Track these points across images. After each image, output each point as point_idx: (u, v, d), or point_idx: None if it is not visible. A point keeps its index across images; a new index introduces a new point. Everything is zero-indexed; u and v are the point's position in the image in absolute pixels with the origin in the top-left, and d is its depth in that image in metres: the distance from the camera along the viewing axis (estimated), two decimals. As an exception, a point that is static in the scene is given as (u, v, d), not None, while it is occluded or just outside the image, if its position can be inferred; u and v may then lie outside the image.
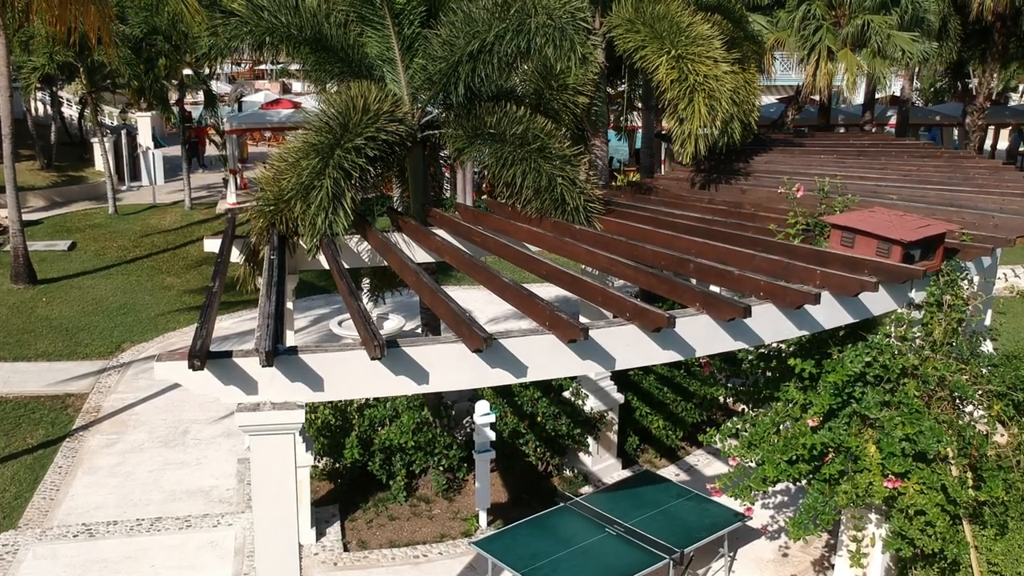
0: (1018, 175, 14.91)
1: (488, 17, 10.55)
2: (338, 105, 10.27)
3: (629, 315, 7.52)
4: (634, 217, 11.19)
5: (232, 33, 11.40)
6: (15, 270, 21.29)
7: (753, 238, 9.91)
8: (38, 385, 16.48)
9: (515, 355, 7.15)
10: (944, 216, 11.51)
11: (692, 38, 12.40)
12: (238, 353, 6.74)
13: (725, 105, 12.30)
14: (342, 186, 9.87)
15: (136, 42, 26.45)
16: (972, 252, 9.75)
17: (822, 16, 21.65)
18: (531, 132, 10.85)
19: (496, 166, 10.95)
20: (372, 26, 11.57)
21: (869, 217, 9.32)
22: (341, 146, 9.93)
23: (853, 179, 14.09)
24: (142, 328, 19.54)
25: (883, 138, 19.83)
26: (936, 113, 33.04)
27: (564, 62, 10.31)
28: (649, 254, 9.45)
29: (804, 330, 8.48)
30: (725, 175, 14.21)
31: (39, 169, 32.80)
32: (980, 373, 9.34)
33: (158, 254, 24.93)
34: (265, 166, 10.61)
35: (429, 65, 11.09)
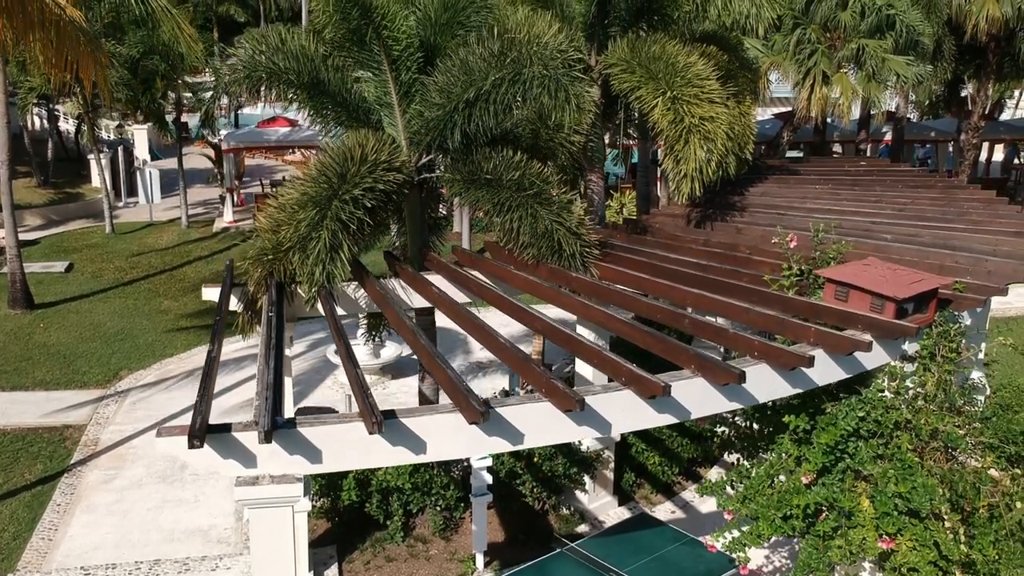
0: (1012, 209, 15.00)
1: (484, 66, 10.63)
2: (336, 155, 10.35)
3: (625, 380, 7.59)
4: (630, 263, 11.27)
5: (232, 77, 11.46)
6: (12, 295, 21.30)
7: (748, 288, 10.00)
8: (36, 416, 16.49)
9: (512, 423, 7.22)
10: (937, 259, 11.63)
11: (688, 79, 12.47)
12: (237, 427, 6.81)
13: (720, 146, 12.38)
14: (339, 238, 9.95)
15: (133, 62, 26.49)
16: (965, 303, 9.84)
17: (817, 40, 21.76)
18: (527, 178, 10.95)
19: (493, 211, 11.03)
20: (370, 71, 11.64)
21: (863, 271, 9.40)
22: (339, 197, 10.01)
23: (848, 214, 14.21)
24: (140, 354, 19.56)
25: (878, 164, 19.91)
26: (931, 129, 33.15)
27: (559, 112, 10.38)
28: (645, 307, 9.53)
29: (798, 388, 8.56)
30: (720, 210, 14.29)
31: (36, 186, 32.82)
32: (974, 425, 9.42)
33: (155, 275, 24.94)
34: (263, 215, 10.65)
35: (426, 111, 11.16)
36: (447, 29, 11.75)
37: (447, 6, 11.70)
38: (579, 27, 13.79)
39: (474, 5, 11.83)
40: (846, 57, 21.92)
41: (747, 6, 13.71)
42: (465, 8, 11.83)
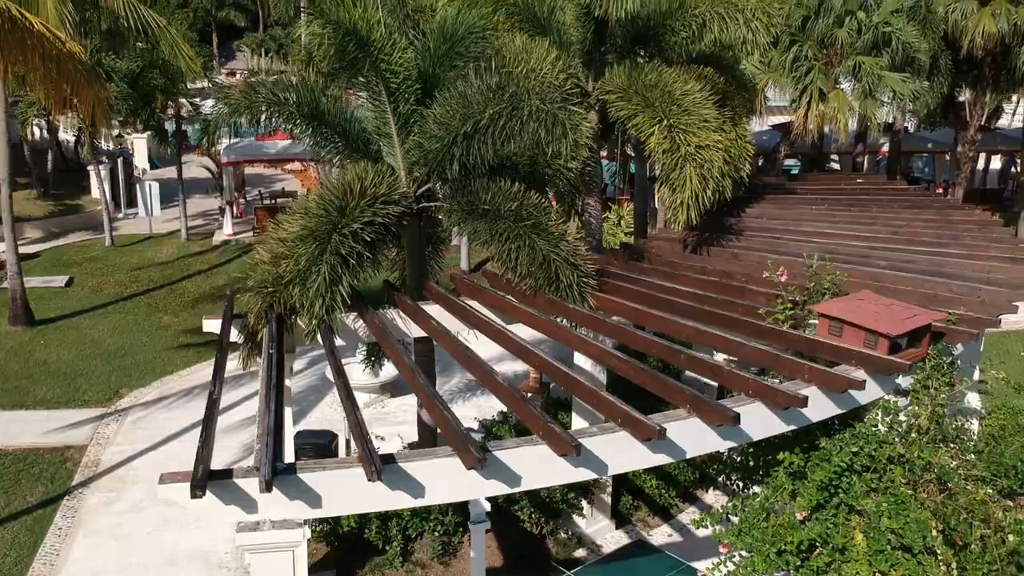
0: (1006, 233, 15.11)
1: (483, 100, 10.72)
2: (335, 188, 10.44)
3: (621, 421, 7.68)
4: (627, 293, 11.36)
5: (233, 107, 11.57)
6: (13, 312, 21.40)
7: (743, 320, 10.10)
8: (37, 436, 16.60)
9: (509, 466, 7.32)
10: (931, 287, 11.73)
11: (684, 107, 12.57)
12: (238, 473, 6.91)
13: (716, 174, 12.48)
14: (339, 272, 10.03)
15: (133, 76, 26.58)
16: (958, 337, 9.93)
17: (814, 57, 21.85)
18: (525, 208, 11.03)
19: (491, 242, 11.12)
20: (369, 102, 11.73)
21: (858, 306, 9.50)
22: (338, 231, 10.09)
23: (843, 238, 14.31)
24: (140, 372, 19.66)
25: (874, 182, 20.02)
26: (928, 140, 33.27)
27: (555, 145, 10.49)
28: (641, 341, 9.62)
29: (793, 425, 8.66)
30: (717, 234, 14.37)
31: (35, 198, 32.91)
32: (967, 457, 9.52)
33: (155, 290, 25.04)
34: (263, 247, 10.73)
35: (425, 142, 11.25)
36: (445, 60, 11.83)
37: (446, 38, 11.78)
38: (576, 53, 13.91)
39: (472, 36, 11.90)
40: (843, 73, 22.07)
41: (743, 32, 13.77)
42: (463, 39, 11.90)
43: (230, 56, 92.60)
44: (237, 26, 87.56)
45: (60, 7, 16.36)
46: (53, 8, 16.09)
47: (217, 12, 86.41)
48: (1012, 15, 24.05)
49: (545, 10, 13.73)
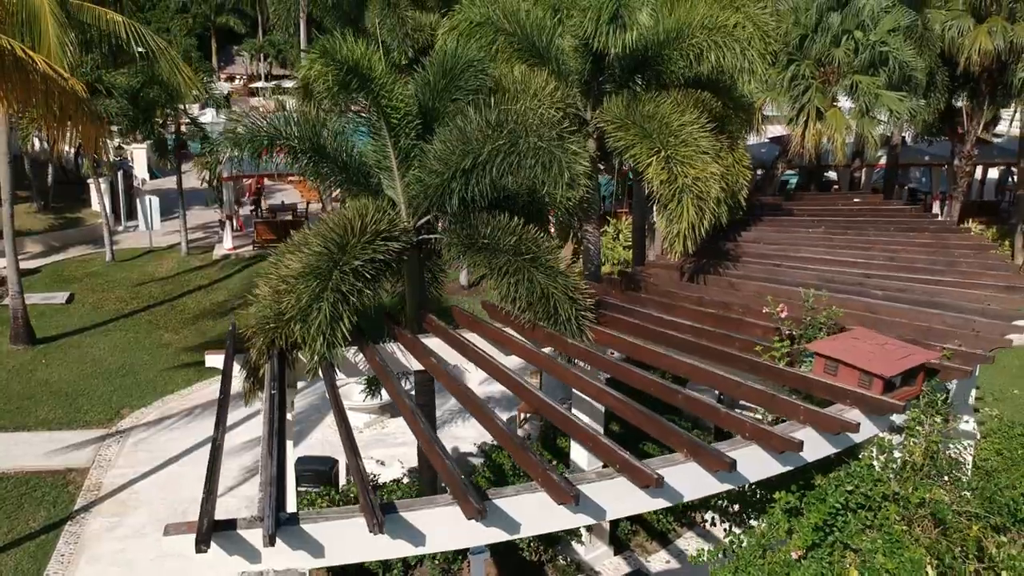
0: (1001, 259, 15.20)
1: (481, 136, 10.83)
2: (336, 225, 10.54)
3: (619, 467, 7.79)
4: (625, 326, 11.48)
5: (234, 141, 11.67)
6: (14, 331, 21.50)
7: (740, 357, 10.21)
8: (39, 458, 16.70)
9: (509, 514, 7.42)
10: (926, 319, 11.85)
11: (682, 138, 12.67)
12: (242, 524, 7.01)
13: (713, 205, 12.59)
14: (340, 309, 10.14)
15: (133, 92, 26.69)
16: (952, 373, 10.06)
17: (811, 75, 21.99)
18: (524, 243, 11.13)
19: (491, 275, 11.22)
20: (370, 136, 11.84)
21: (853, 346, 9.61)
22: (339, 268, 10.19)
23: (840, 265, 14.43)
24: (141, 391, 19.76)
25: (870, 202, 20.12)
26: (925, 153, 33.42)
27: (551, 184, 10.59)
28: (639, 379, 9.72)
29: (788, 466, 8.77)
30: (714, 261, 14.48)
31: (36, 211, 33.02)
32: (962, 493, 9.63)
33: (155, 306, 25.15)
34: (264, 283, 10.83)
35: (425, 177, 11.35)
36: (445, 93, 11.94)
37: (445, 71, 11.89)
38: (575, 83, 14.00)
39: (471, 69, 12.02)
40: (840, 90, 22.21)
41: (739, 60, 13.87)
42: (463, 73, 12.03)
43: (229, 60, 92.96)
44: (236, 32, 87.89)
45: (61, 33, 16.46)
46: (54, 34, 16.20)
47: (216, 18, 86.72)
48: (1008, 32, 24.23)
49: (544, 40, 13.82)
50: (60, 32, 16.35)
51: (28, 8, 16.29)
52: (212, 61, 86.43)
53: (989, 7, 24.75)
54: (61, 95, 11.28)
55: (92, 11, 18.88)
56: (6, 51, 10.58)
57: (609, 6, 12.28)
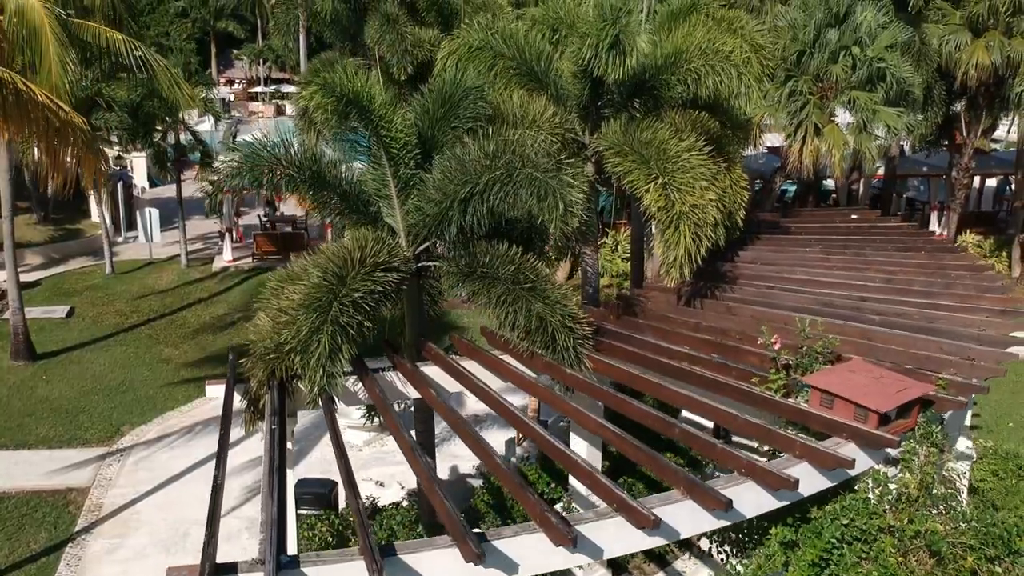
0: (997, 279, 15.26)
1: (479, 167, 10.91)
2: (336, 257, 10.62)
3: (616, 507, 7.87)
4: (623, 354, 11.57)
5: (235, 171, 11.75)
6: (15, 347, 21.58)
7: (737, 388, 10.29)
8: (39, 477, 16.77)
9: (507, 555, 7.50)
10: (923, 346, 11.93)
11: (679, 165, 12.73)
12: (243, 567, 7.09)
13: (710, 232, 12.66)
14: (339, 341, 10.21)
15: (134, 106, 26.76)
16: (947, 405, 10.14)
17: (809, 91, 22.05)
18: (523, 272, 11.21)
19: (490, 304, 11.30)
20: (370, 165, 11.92)
21: (849, 379, 9.69)
22: (338, 299, 10.27)
23: (837, 287, 14.51)
24: (141, 408, 19.83)
25: (868, 218, 20.21)
26: (923, 164, 33.52)
27: (546, 214, 10.67)
28: (637, 412, 9.81)
29: (784, 501, 8.85)
30: (711, 283, 14.54)
31: (36, 223, 33.08)
32: (958, 525, 9.71)
33: (155, 320, 25.22)
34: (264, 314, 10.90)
35: (424, 206, 11.43)
36: (444, 122, 12.02)
37: (444, 100, 11.98)
38: (573, 108, 14.07)
39: (471, 97, 12.10)
40: (838, 105, 22.27)
41: (736, 85, 13.96)
42: (462, 100, 12.11)
43: (228, 64, 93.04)
44: (236, 37, 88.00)
45: (62, 51, 16.51)
46: (55, 53, 16.25)
47: (216, 22, 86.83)
48: (1005, 47, 24.31)
49: (542, 64, 13.89)
50: (60, 51, 16.39)
51: (28, 26, 16.36)
52: (211, 65, 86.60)
53: (986, 21, 24.83)
54: (61, 127, 11.34)
55: (92, 29, 18.94)
56: (7, 84, 10.66)
57: (609, 33, 12.33)
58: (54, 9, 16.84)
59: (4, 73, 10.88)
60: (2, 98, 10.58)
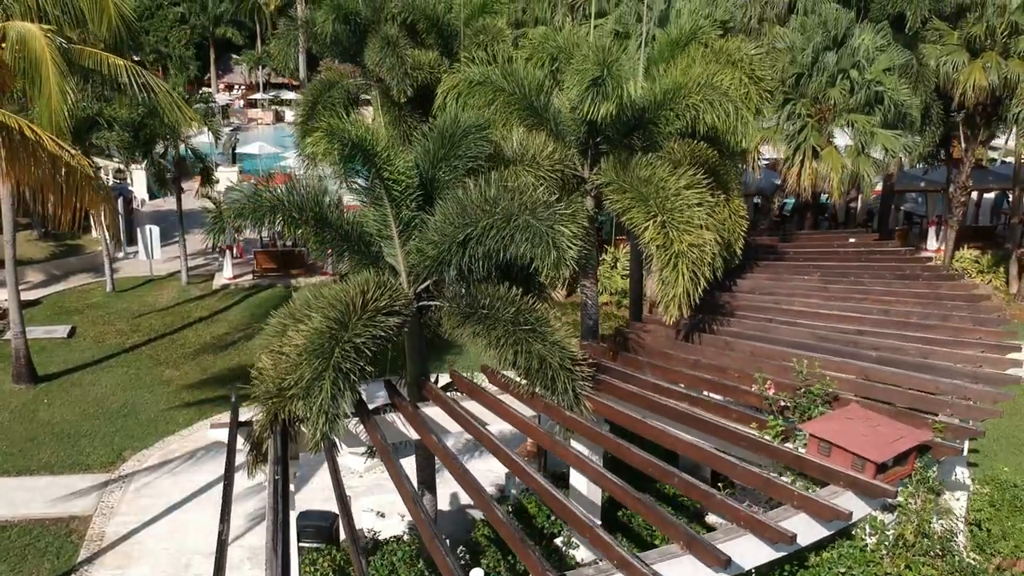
0: (993, 310, 15.34)
1: (479, 211, 11.01)
2: (338, 303, 10.70)
3: (616, 563, 7.97)
4: (622, 393, 11.67)
5: (237, 212, 11.85)
6: (16, 370, 21.65)
7: (735, 432, 10.39)
8: (42, 505, 16.83)
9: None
10: (919, 384, 12.04)
11: (678, 204, 12.83)
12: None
13: (707, 272, 12.76)
14: (341, 387, 10.29)
15: (135, 125, 26.85)
16: (943, 451, 10.24)
17: (807, 114, 22.19)
18: (523, 315, 11.29)
19: (490, 346, 11.38)
20: (371, 205, 12.01)
21: (846, 426, 9.79)
22: (340, 345, 10.35)
23: (835, 320, 14.61)
24: (142, 431, 19.90)
25: (865, 243, 20.30)
26: (921, 179, 33.63)
27: (540, 261, 10.77)
28: (638, 460, 9.89)
29: (782, 552, 8.94)
30: (709, 316, 14.64)
31: (37, 239, 33.14)
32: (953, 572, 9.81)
33: (156, 340, 25.28)
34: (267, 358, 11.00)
35: (425, 248, 11.52)
36: (445, 162, 12.12)
37: (444, 141, 12.08)
38: (572, 143, 14.18)
39: (470, 138, 12.20)
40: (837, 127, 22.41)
41: (732, 119, 14.07)
42: (463, 139, 12.21)
43: (227, 69, 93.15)
44: (235, 43, 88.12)
45: (62, 80, 16.59)
46: (55, 83, 16.32)
47: (215, 29, 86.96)
48: (1002, 68, 24.43)
49: (541, 100, 14.01)
50: (60, 80, 16.46)
51: (30, 55, 16.44)
52: (210, 70, 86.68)
53: (984, 42, 24.95)
54: (68, 171, 11.45)
55: (94, 56, 19.03)
56: (14, 130, 10.76)
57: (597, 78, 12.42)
58: (55, 38, 16.94)
59: (10, 119, 10.97)
60: (9, 144, 10.68)
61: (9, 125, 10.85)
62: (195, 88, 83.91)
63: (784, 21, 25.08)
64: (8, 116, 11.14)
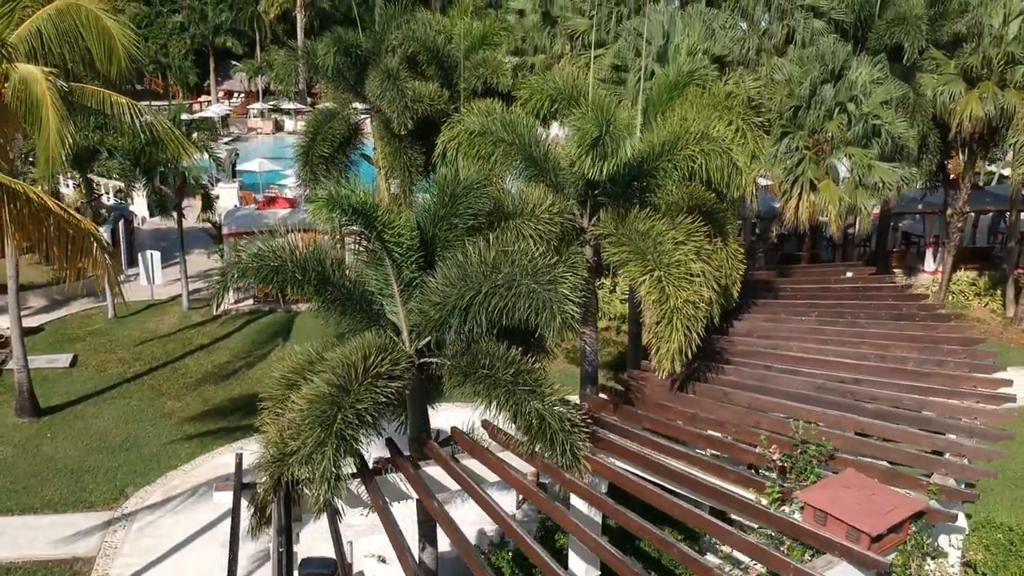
0: (988, 357, 15.43)
1: (480, 276, 11.16)
2: (340, 368, 10.84)
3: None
4: (620, 451, 11.82)
5: (240, 273, 12.01)
6: (19, 404, 21.80)
7: (734, 497, 10.54)
8: (46, 546, 16.99)
9: None
10: (915, 439, 12.20)
11: (675, 259, 12.96)
12: None
13: (701, 328, 12.89)
14: (343, 452, 10.44)
15: (136, 154, 27.00)
16: (938, 517, 10.38)
17: (804, 147, 22.33)
18: (522, 376, 11.44)
19: (490, 406, 11.53)
20: (373, 265, 12.15)
21: (842, 495, 9.92)
22: (343, 412, 10.49)
23: (831, 367, 14.70)
24: (145, 466, 20.05)
25: (861, 277, 20.42)
26: (919, 201, 33.77)
27: (544, 327, 10.92)
28: (637, 527, 10.04)
29: (779, 626, 9.10)
30: (706, 363, 14.69)
31: (38, 262, 33.22)
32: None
33: (157, 369, 25.43)
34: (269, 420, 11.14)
35: (427, 309, 11.65)
36: (445, 220, 12.27)
37: (445, 200, 12.23)
38: (572, 195, 14.32)
39: (470, 196, 12.35)
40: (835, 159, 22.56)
41: (728, 170, 14.23)
42: (464, 196, 12.36)
43: (227, 76, 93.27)
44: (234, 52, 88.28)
45: (61, 125, 16.72)
46: (55, 128, 16.44)
47: (214, 38, 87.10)
48: (998, 99, 24.59)
49: (541, 152, 14.15)
50: (60, 124, 16.57)
51: (31, 98, 16.59)
52: (210, 77, 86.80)
53: (980, 71, 25.12)
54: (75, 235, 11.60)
55: (96, 95, 19.17)
56: (20, 196, 10.92)
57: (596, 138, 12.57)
58: (56, 81, 17.08)
59: (17, 184, 11.13)
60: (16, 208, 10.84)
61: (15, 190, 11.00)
62: (195, 96, 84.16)
63: (782, 52, 25.23)
64: (14, 182, 11.31)
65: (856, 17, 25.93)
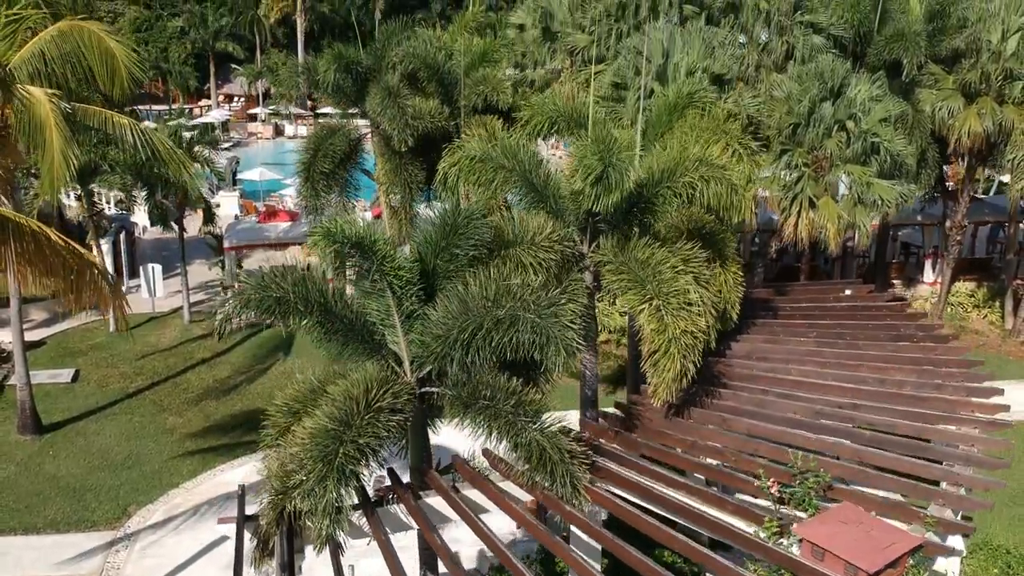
0: (984, 380, 15.52)
1: (482, 309, 11.24)
2: (342, 402, 10.93)
3: None
4: (619, 481, 11.92)
5: (244, 303, 12.08)
6: (22, 421, 21.87)
7: (731, 530, 10.63)
8: (49, 567, 17.07)
9: None
10: (912, 468, 12.30)
11: (674, 289, 13.05)
12: None
13: (697, 359, 12.99)
14: (345, 487, 10.52)
15: (137, 168, 27.06)
16: (935, 550, 10.49)
17: (803, 164, 22.39)
18: (523, 407, 11.53)
19: (491, 438, 11.62)
20: (374, 296, 12.23)
21: (839, 531, 10.00)
22: (344, 446, 10.58)
23: (829, 392, 14.83)
24: (147, 484, 20.12)
25: (860, 296, 20.54)
26: (918, 213, 33.83)
27: (548, 359, 11.00)
28: (635, 561, 10.12)
29: (777, 663, 9.19)
30: (704, 387, 14.83)
31: (40, 274, 33.35)
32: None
33: (159, 384, 25.49)
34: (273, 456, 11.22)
35: (428, 341, 11.74)
36: (445, 252, 12.37)
37: (445, 232, 12.33)
38: (571, 221, 14.40)
39: (470, 226, 12.45)
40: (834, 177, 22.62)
41: (727, 198, 14.33)
42: (464, 227, 12.45)
43: (227, 79, 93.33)
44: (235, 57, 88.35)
45: (65, 147, 16.80)
46: (59, 149, 16.52)
47: (215, 43, 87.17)
48: (997, 114, 24.67)
49: (541, 179, 14.23)
50: (64, 146, 16.64)
51: (35, 120, 16.67)
52: (210, 81, 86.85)
53: (979, 87, 25.20)
54: (80, 268, 11.69)
55: (99, 115, 19.24)
56: (25, 230, 11.01)
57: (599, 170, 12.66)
58: (59, 103, 17.16)
59: (21, 219, 11.23)
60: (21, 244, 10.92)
61: (19, 224, 11.10)
62: (195, 100, 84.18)
63: (782, 68, 25.30)
64: (18, 216, 11.41)
65: (855, 33, 25.99)
